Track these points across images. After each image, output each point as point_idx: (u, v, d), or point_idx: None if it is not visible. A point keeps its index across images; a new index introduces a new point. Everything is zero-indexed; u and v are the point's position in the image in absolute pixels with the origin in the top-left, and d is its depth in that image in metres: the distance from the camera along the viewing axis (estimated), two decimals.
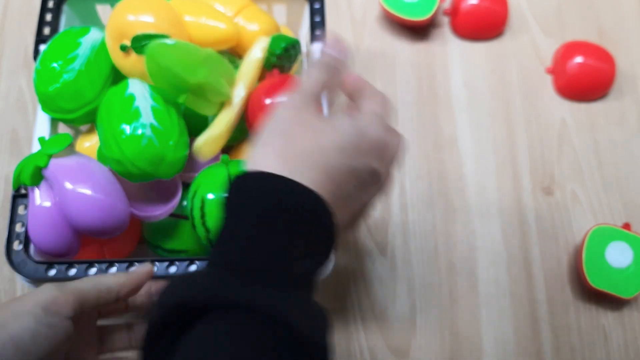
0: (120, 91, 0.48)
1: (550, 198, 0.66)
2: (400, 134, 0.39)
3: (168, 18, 0.50)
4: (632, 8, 0.77)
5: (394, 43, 0.74)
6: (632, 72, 0.73)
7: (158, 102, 0.48)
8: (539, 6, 0.77)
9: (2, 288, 0.60)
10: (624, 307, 0.62)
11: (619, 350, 0.60)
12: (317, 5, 0.59)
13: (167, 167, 0.48)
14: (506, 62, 0.74)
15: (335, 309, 0.61)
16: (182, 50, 0.47)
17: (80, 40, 0.51)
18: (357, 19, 0.76)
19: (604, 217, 0.66)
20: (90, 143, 0.55)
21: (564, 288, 0.62)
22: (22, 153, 0.66)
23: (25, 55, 0.71)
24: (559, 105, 0.71)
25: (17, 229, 0.49)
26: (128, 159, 0.46)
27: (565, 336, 0.61)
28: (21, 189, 0.50)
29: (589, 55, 0.69)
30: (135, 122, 0.46)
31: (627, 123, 0.71)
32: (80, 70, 0.51)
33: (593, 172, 0.68)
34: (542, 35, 0.75)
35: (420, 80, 0.72)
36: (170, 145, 0.48)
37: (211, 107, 0.50)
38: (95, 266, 0.49)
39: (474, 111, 0.71)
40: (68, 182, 0.46)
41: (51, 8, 0.57)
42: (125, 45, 0.49)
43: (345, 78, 0.40)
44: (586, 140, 0.70)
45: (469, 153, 0.68)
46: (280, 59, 0.53)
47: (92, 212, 0.46)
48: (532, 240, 0.64)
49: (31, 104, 0.68)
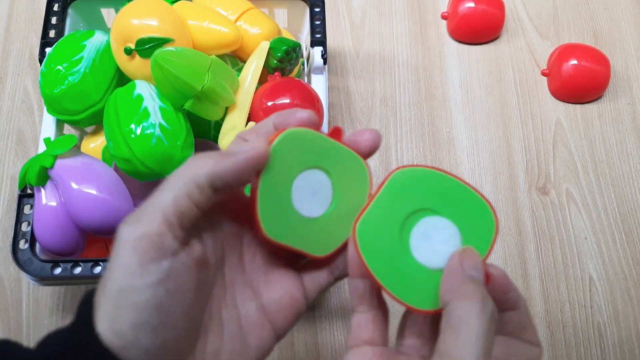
0: (128, 92, 0.49)
1: (546, 197, 0.67)
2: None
3: (172, 22, 0.50)
4: (626, 11, 0.78)
5: (393, 46, 0.75)
6: (626, 74, 0.74)
7: (165, 103, 0.49)
8: (535, 9, 0.78)
9: (9, 286, 0.60)
10: (619, 305, 0.63)
11: (614, 347, 0.61)
12: (318, 9, 0.60)
13: (174, 166, 0.49)
14: (502, 64, 0.75)
15: (335, 307, 0.62)
16: (187, 57, 0.48)
17: (85, 43, 0.52)
18: (357, 22, 0.77)
19: (598, 216, 0.67)
20: (95, 144, 0.56)
21: (559, 286, 0.63)
22: (28, 154, 0.66)
23: (31, 57, 0.72)
24: (555, 106, 0.72)
25: (23, 228, 0.50)
26: (137, 158, 0.47)
27: (560, 333, 0.61)
28: (27, 189, 0.51)
29: (584, 58, 0.70)
30: (144, 122, 0.47)
31: (622, 124, 0.72)
32: (85, 72, 0.51)
33: (588, 172, 0.69)
34: (538, 37, 0.76)
35: (418, 82, 0.73)
36: (178, 144, 0.48)
37: (215, 112, 0.51)
38: (101, 265, 0.50)
39: (471, 112, 0.72)
40: (73, 182, 0.47)
41: (56, 11, 0.58)
42: (130, 48, 0.50)
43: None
44: (581, 140, 0.71)
45: (465, 153, 0.69)
46: (282, 62, 0.54)
47: (97, 211, 0.47)
48: (528, 239, 0.65)
49: (37, 106, 0.69)
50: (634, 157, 0.70)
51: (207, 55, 0.50)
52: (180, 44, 0.50)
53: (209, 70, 0.48)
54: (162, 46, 0.49)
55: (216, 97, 0.50)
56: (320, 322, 0.61)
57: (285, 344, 0.60)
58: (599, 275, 0.64)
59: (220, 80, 0.50)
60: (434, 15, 0.77)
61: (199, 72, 0.48)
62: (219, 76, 0.49)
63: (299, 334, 0.60)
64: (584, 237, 0.66)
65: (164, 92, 0.49)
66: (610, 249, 0.65)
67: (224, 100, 0.51)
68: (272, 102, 0.51)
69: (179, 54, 0.48)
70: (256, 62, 0.53)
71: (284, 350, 0.59)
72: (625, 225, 0.66)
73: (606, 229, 0.66)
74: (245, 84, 0.52)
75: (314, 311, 0.61)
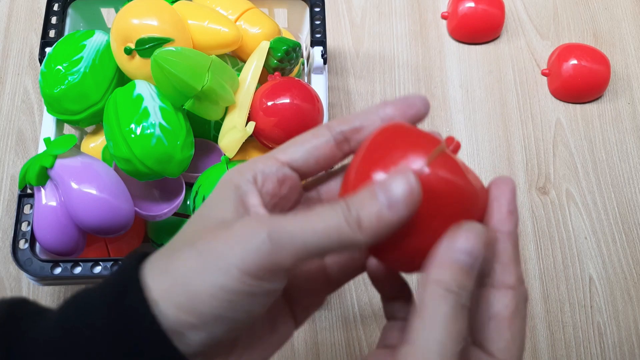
0: (128, 92, 0.49)
1: (546, 197, 0.67)
2: None
3: (172, 21, 0.50)
4: (626, 10, 0.78)
5: (393, 46, 0.75)
6: (626, 74, 0.74)
7: (165, 103, 0.49)
8: (535, 9, 0.78)
9: (8, 286, 0.60)
10: (619, 305, 0.63)
11: (614, 347, 0.61)
12: (318, 9, 0.60)
13: (174, 166, 0.49)
14: (502, 64, 0.75)
15: (335, 306, 0.62)
16: (187, 57, 0.48)
17: (85, 43, 0.52)
18: (357, 22, 0.77)
19: (598, 216, 0.67)
20: (95, 144, 0.56)
21: (559, 286, 0.63)
22: (28, 153, 0.66)
23: (31, 56, 0.72)
24: (555, 106, 0.72)
25: (23, 228, 0.50)
26: (137, 158, 0.47)
27: (560, 333, 0.62)
28: (27, 189, 0.51)
29: (584, 58, 0.70)
30: (144, 122, 0.47)
31: (622, 124, 0.72)
32: (85, 72, 0.51)
33: (588, 172, 0.69)
34: (538, 37, 0.76)
35: (418, 81, 0.73)
36: (178, 144, 0.48)
37: (215, 112, 0.51)
38: (100, 264, 0.50)
39: (471, 112, 0.72)
40: (73, 182, 0.47)
41: (56, 11, 0.58)
42: (130, 48, 0.50)
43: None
44: (581, 140, 0.71)
45: (465, 153, 0.69)
46: (282, 62, 0.54)
47: (97, 211, 0.47)
48: (528, 239, 0.65)
49: (37, 105, 0.69)
50: (634, 157, 0.70)
51: (207, 55, 0.50)
52: (180, 43, 0.50)
53: (209, 70, 0.48)
54: (162, 46, 0.49)
55: (216, 97, 0.50)
56: (320, 322, 0.61)
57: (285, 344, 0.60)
58: (599, 275, 0.64)
59: (220, 80, 0.50)
60: (434, 15, 0.77)
61: (199, 72, 0.48)
62: (219, 76, 0.49)
63: (299, 334, 0.60)
64: (584, 237, 0.66)
65: (164, 92, 0.49)
66: (610, 249, 0.65)
67: (224, 100, 0.51)
68: (272, 102, 0.51)
69: (179, 53, 0.48)
70: (256, 62, 0.53)
71: (284, 350, 0.59)
72: (625, 225, 0.66)
73: (606, 228, 0.66)
74: (245, 84, 0.52)
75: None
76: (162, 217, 0.52)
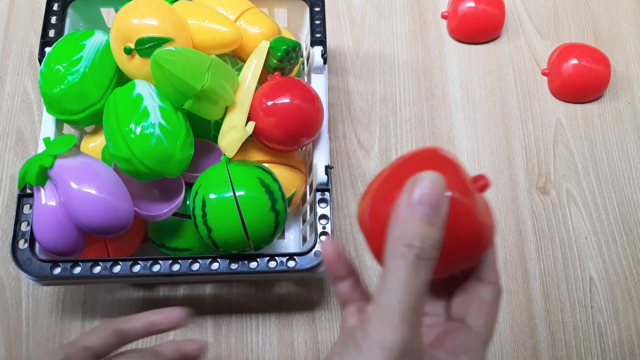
0: (128, 92, 0.49)
1: (546, 197, 0.67)
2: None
3: (172, 21, 0.50)
4: (626, 10, 0.78)
5: (393, 46, 0.75)
6: (627, 74, 0.74)
7: (165, 103, 0.49)
8: (535, 9, 0.78)
9: (8, 286, 0.60)
10: (619, 305, 0.63)
11: (614, 347, 0.61)
12: (317, 9, 0.60)
13: (174, 166, 0.49)
14: (502, 64, 0.75)
15: (335, 306, 0.62)
16: (186, 57, 0.48)
17: (84, 43, 0.52)
18: (357, 22, 0.77)
19: (598, 216, 0.67)
20: (94, 144, 0.56)
21: (559, 285, 0.63)
22: (28, 153, 0.66)
23: (30, 56, 0.72)
24: (555, 106, 0.72)
25: (22, 228, 0.50)
26: (137, 158, 0.47)
27: (560, 333, 0.61)
28: (26, 189, 0.51)
29: (584, 57, 0.70)
30: (144, 121, 0.47)
31: (622, 124, 0.72)
32: (85, 72, 0.51)
33: (588, 172, 0.69)
34: (539, 37, 0.76)
35: (418, 81, 0.73)
36: (178, 144, 0.48)
37: (215, 111, 0.51)
38: (100, 264, 0.50)
39: (471, 112, 0.72)
40: (73, 182, 0.47)
41: (56, 11, 0.58)
42: (130, 47, 0.50)
43: None
44: (581, 140, 0.71)
45: (465, 153, 0.69)
46: (282, 62, 0.54)
47: (97, 211, 0.47)
48: (528, 239, 0.65)
49: (36, 105, 0.69)
50: (634, 157, 0.70)
51: (207, 54, 0.50)
52: (180, 43, 0.50)
53: (209, 69, 0.48)
54: (162, 46, 0.49)
55: (216, 97, 0.49)
56: (320, 322, 0.61)
57: (285, 344, 0.60)
58: (599, 275, 0.64)
59: (220, 79, 0.50)
60: (434, 15, 0.77)
61: (199, 72, 0.48)
62: (218, 76, 0.49)
63: (299, 334, 0.60)
64: (584, 237, 0.66)
65: (163, 91, 0.49)
66: (611, 249, 0.65)
67: (223, 100, 0.51)
68: (272, 101, 0.51)
69: (179, 53, 0.48)
70: (256, 62, 0.53)
71: (284, 350, 0.59)
72: (626, 225, 0.66)
73: (606, 228, 0.66)
74: (245, 84, 0.52)
75: (314, 311, 0.61)
76: (162, 217, 0.52)
